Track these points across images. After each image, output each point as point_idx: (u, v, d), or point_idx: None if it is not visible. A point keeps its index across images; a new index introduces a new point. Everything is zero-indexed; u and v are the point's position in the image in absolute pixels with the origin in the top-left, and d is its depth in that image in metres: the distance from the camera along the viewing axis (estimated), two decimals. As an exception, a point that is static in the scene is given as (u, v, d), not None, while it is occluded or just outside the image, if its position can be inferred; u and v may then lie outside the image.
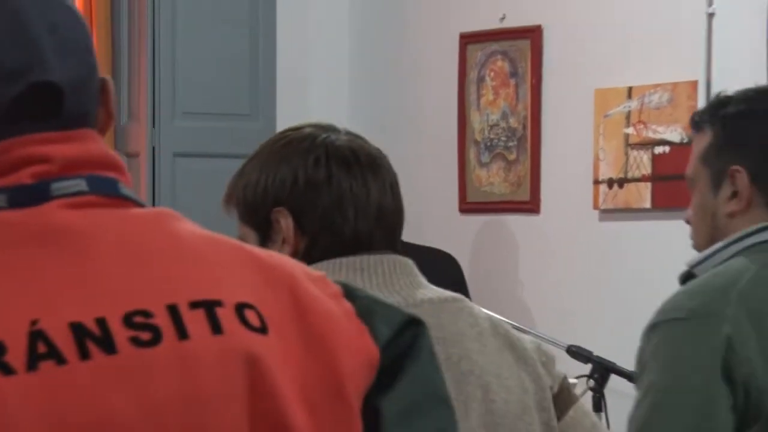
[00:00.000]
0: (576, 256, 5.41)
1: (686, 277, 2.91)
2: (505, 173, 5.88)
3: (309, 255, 2.42)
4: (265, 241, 2.46)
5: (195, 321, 1.58)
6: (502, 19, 5.95)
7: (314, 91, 6.40)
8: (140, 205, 1.67)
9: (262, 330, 1.61)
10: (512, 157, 5.88)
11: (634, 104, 5.48)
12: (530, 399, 2.48)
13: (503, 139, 5.94)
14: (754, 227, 2.83)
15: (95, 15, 6.13)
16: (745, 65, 5.03)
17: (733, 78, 2.97)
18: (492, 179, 5.93)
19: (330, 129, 2.49)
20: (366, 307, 1.72)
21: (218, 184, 5.96)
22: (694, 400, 2.70)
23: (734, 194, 2.84)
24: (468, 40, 6.07)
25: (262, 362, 1.60)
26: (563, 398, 2.56)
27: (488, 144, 5.94)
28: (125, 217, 1.64)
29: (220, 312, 1.59)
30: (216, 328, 1.58)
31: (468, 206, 6.04)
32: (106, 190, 1.63)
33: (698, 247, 2.95)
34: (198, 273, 1.63)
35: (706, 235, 2.91)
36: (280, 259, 1.74)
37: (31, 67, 1.62)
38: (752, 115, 2.89)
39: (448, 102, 5.93)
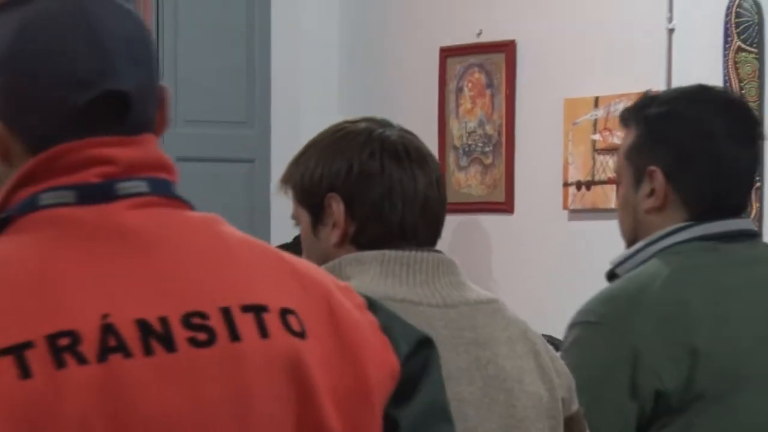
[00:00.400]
0: (547, 253, 5.41)
1: (611, 276, 2.88)
2: (481, 176, 5.89)
3: (357, 240, 2.40)
4: (316, 222, 2.43)
5: (245, 324, 1.60)
6: (479, 34, 5.97)
7: (306, 99, 6.39)
8: (189, 206, 1.69)
9: (302, 335, 1.63)
10: (488, 161, 5.89)
11: (600, 113, 5.51)
12: (543, 406, 2.40)
13: (480, 144, 5.95)
14: (670, 228, 2.78)
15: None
16: (703, 78, 4.87)
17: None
18: (470, 182, 5.92)
19: (385, 124, 2.46)
20: (386, 322, 1.73)
21: (217, 186, 6.06)
22: (595, 387, 2.65)
23: (652, 192, 2.79)
24: (447, 53, 6.10)
25: (302, 365, 1.62)
26: (575, 424, 2.49)
27: (466, 149, 5.96)
28: (181, 219, 1.67)
29: (266, 317, 1.61)
30: (263, 331, 1.60)
31: (448, 207, 5.91)
32: (163, 191, 1.65)
33: (625, 239, 2.90)
34: (246, 278, 1.65)
35: (629, 229, 2.88)
36: (312, 267, 1.76)
37: (104, 75, 1.62)
38: (671, 117, 2.81)
39: (429, 110, 5.95)
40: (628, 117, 2.88)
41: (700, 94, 2.89)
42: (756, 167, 2.87)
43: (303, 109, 6.34)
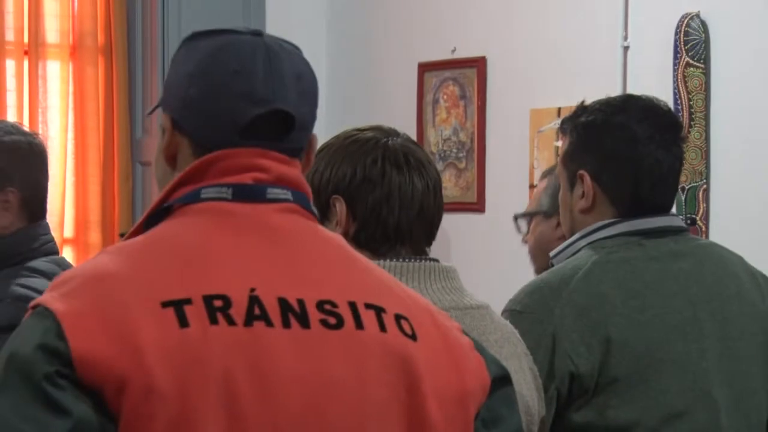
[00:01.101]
0: (515, 248, 5.20)
1: (551, 266, 2.87)
2: (455, 179, 5.89)
3: (357, 239, 2.38)
4: (322, 220, 2.27)
5: (368, 317, 1.66)
6: (453, 51, 5.96)
7: None
8: (320, 221, 1.78)
9: (414, 337, 1.68)
10: (462, 165, 5.90)
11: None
12: (526, 406, 2.39)
13: (454, 150, 5.96)
14: (598, 224, 2.79)
15: (114, 45, 6.05)
16: (654, 91, 4.91)
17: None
18: (445, 184, 5.54)
19: (391, 133, 2.44)
20: (478, 346, 1.78)
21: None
22: None
23: (582, 194, 2.81)
24: (425, 68, 6.09)
25: (413, 361, 1.66)
26: (543, 425, 2.50)
27: (442, 155, 5.95)
28: (315, 229, 1.75)
29: (384, 316, 1.67)
30: (382, 327, 1.67)
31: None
32: (304, 204, 1.74)
33: (566, 236, 2.90)
34: (368, 284, 1.72)
35: (568, 228, 2.89)
36: (414, 293, 1.80)
37: (276, 98, 1.70)
38: (596, 125, 2.81)
39: (408, 120, 5.91)
40: (565, 126, 2.90)
41: (624, 103, 2.90)
42: (679, 168, 2.86)
43: None
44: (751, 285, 2.85)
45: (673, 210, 2.96)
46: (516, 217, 3.77)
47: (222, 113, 1.70)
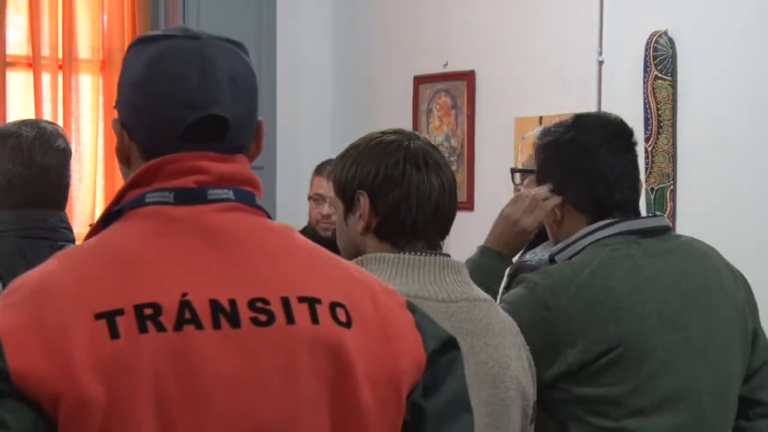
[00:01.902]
0: None
1: (551, 261, 2.85)
2: None
3: (377, 232, 2.38)
4: (347, 212, 2.42)
5: (300, 312, 1.60)
6: (445, 65, 5.97)
7: (305, 118, 6.37)
8: (269, 215, 1.71)
9: (347, 325, 1.62)
10: (453, 168, 5.76)
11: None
12: (522, 390, 2.39)
13: (446, 155, 5.83)
14: (599, 224, 2.77)
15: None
16: (626, 101, 5.01)
17: (617, 111, 2.92)
18: None
19: (412, 137, 2.43)
20: (420, 321, 1.71)
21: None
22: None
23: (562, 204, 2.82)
24: (420, 81, 6.09)
25: (344, 349, 1.61)
26: (534, 409, 2.46)
27: None
28: (257, 223, 1.68)
29: (318, 307, 1.62)
30: (314, 319, 1.61)
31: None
32: (247, 200, 1.68)
33: (551, 240, 2.91)
34: (306, 276, 1.65)
35: (552, 234, 2.89)
36: (362, 272, 1.75)
37: (211, 103, 1.66)
38: (552, 145, 2.83)
39: (405, 127, 5.38)
40: (534, 150, 2.91)
41: (575, 121, 2.88)
42: (634, 171, 2.84)
43: (302, 125, 6.35)
44: (729, 277, 2.85)
45: (642, 208, 2.94)
46: (513, 171, 3.75)
47: (162, 120, 1.67)
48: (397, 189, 2.36)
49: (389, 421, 1.64)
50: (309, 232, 4.59)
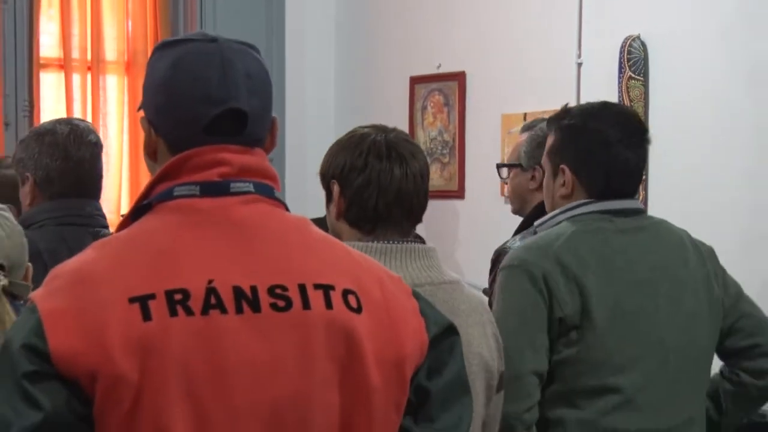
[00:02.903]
0: (488, 228, 5.36)
1: (534, 233, 2.91)
2: (440, 171, 5.86)
3: (347, 217, 2.39)
4: (328, 201, 2.43)
5: (315, 298, 1.60)
6: (438, 67, 5.94)
7: (310, 117, 6.35)
8: (285, 207, 1.71)
9: (358, 310, 1.63)
10: (446, 160, 5.89)
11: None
12: (485, 365, 2.41)
13: (439, 148, 5.93)
14: (577, 202, 2.80)
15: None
16: (603, 98, 4.89)
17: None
18: (432, 176, 5.51)
19: (382, 130, 2.43)
20: (424, 308, 1.71)
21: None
22: (519, 310, 2.68)
23: (563, 183, 2.83)
24: (415, 81, 6.08)
25: (355, 332, 1.61)
26: (501, 381, 2.50)
27: (429, 152, 5.89)
28: (276, 215, 1.68)
29: (332, 294, 1.61)
30: (329, 304, 1.60)
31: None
32: (266, 193, 1.68)
33: (546, 210, 2.93)
34: (320, 265, 1.65)
35: (549, 205, 2.91)
36: (370, 261, 1.74)
37: (230, 98, 1.65)
38: (577, 128, 2.81)
39: (402, 123, 5.85)
40: (550, 125, 2.89)
41: (601, 110, 2.87)
42: (644, 165, 2.85)
43: (308, 121, 6.33)
44: (695, 253, 2.86)
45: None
46: (498, 166, 3.75)
47: (186, 116, 1.66)
48: (360, 177, 2.36)
49: (394, 399, 1.63)
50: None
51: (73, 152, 3.14)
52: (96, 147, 3.20)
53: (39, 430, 1.48)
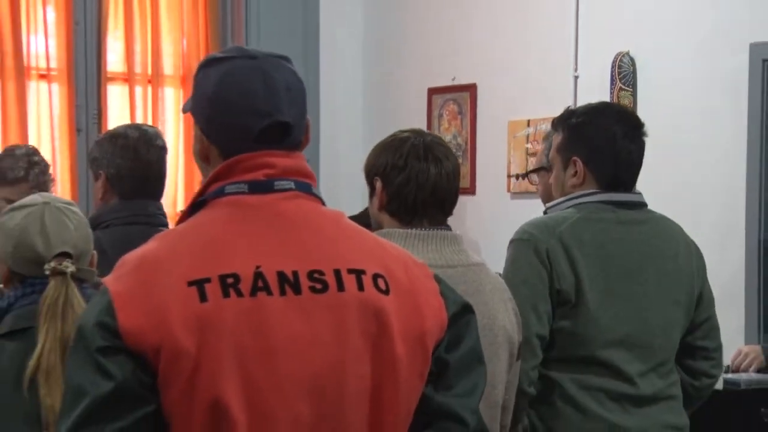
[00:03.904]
0: (497, 221, 5.36)
1: (544, 213, 2.89)
2: None
3: (389, 210, 2.39)
4: (371, 194, 2.43)
5: (349, 281, 1.59)
6: (453, 79, 5.93)
7: (341, 124, 6.32)
8: (323, 202, 1.70)
9: (386, 292, 1.61)
10: (460, 161, 5.86)
11: (531, 130, 5.48)
12: (507, 336, 2.41)
13: (453, 150, 5.83)
14: (586, 191, 2.78)
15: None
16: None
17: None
18: None
19: (419, 134, 2.44)
20: (444, 290, 1.69)
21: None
22: (525, 279, 2.66)
23: (575, 173, 2.80)
24: (433, 92, 6.06)
25: (384, 312, 1.60)
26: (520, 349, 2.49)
27: None
28: (315, 209, 1.67)
29: (364, 278, 1.60)
30: (360, 287, 1.59)
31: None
32: (305, 190, 1.66)
33: (555, 197, 2.89)
34: (353, 252, 1.64)
35: (559, 193, 2.88)
36: (397, 248, 1.72)
37: (274, 111, 1.64)
38: (585, 125, 2.80)
39: (422, 129, 5.83)
40: (557, 124, 2.88)
41: (604, 108, 2.90)
42: (642, 154, 2.85)
43: (339, 127, 6.29)
44: (685, 250, 2.84)
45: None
46: (527, 173, 3.74)
47: (236, 127, 1.65)
48: (401, 175, 2.35)
49: (417, 370, 1.62)
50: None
51: (142, 154, 3.10)
52: (162, 150, 3.17)
53: (110, 397, 1.49)
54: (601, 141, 2.78)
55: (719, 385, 3.58)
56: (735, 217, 4.67)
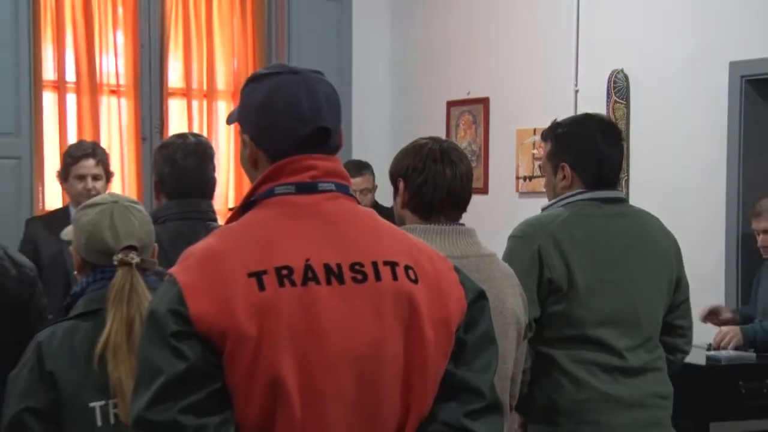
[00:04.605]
0: (507, 217, 5.27)
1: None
2: None
3: (410, 207, 2.37)
4: (395, 193, 2.42)
5: (385, 272, 1.58)
6: (468, 93, 5.93)
7: (371, 132, 6.31)
8: (358, 201, 1.68)
9: (416, 282, 1.60)
10: (474, 165, 5.68)
11: (536, 138, 5.42)
12: (516, 318, 2.40)
13: (468, 155, 5.67)
14: (574, 192, 2.77)
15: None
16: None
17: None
18: None
19: (436, 140, 2.42)
20: (463, 279, 1.68)
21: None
22: (517, 270, 2.55)
23: (563, 177, 2.79)
24: (451, 104, 6.06)
25: (414, 298, 1.59)
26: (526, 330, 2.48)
27: None
28: (353, 208, 1.66)
29: (397, 269, 1.59)
30: (395, 277, 1.59)
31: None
32: (344, 191, 1.65)
33: (548, 199, 2.87)
34: (387, 246, 1.63)
35: (550, 198, 2.86)
36: (424, 244, 1.70)
37: (317, 119, 1.63)
38: (569, 135, 2.79)
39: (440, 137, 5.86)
40: (546, 135, 2.87)
41: (585, 119, 2.88)
42: (621, 160, 2.84)
43: (369, 135, 6.27)
44: (663, 238, 2.83)
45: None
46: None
47: (283, 134, 1.63)
48: (420, 177, 2.34)
49: (443, 350, 1.61)
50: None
51: (179, 162, 3.13)
52: (201, 158, 3.18)
53: (183, 376, 1.49)
54: (584, 147, 2.77)
55: (702, 361, 3.63)
56: (717, 214, 4.65)
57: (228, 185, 5.91)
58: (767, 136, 4.62)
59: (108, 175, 4.01)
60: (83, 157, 3.89)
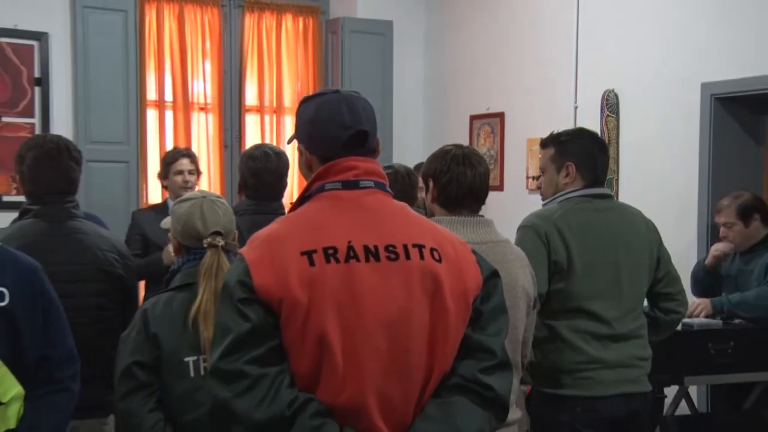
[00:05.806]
0: (519, 210, 5.25)
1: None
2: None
3: (438, 202, 2.35)
4: (426, 191, 2.38)
5: (414, 253, 1.57)
6: (487, 109, 5.88)
7: (407, 140, 6.25)
8: (394, 196, 1.66)
9: (440, 261, 1.58)
10: (492, 167, 5.78)
11: None
12: (526, 294, 2.35)
13: (488, 159, 5.81)
14: (568, 189, 2.74)
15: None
16: (591, 129, 4.90)
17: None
18: None
19: (459, 146, 2.37)
20: (479, 260, 1.66)
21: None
22: (528, 254, 2.49)
23: (567, 174, 2.75)
24: (473, 118, 6.00)
25: (438, 275, 1.57)
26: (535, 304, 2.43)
27: None
28: (389, 202, 1.64)
29: (424, 250, 1.58)
30: (422, 257, 1.57)
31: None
32: (381, 188, 1.64)
33: (547, 195, 2.85)
34: (416, 231, 1.61)
35: (551, 192, 2.82)
36: (447, 231, 1.68)
37: (356, 123, 1.63)
38: (572, 142, 2.77)
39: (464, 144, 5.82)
40: (548, 143, 2.86)
41: (581, 131, 2.87)
42: (608, 164, 2.83)
43: (406, 142, 6.21)
44: (645, 227, 2.79)
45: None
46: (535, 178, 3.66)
47: (330, 139, 1.62)
48: (445, 177, 2.32)
49: (462, 317, 1.61)
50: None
51: (259, 168, 3.17)
52: (272, 163, 3.19)
53: (248, 334, 1.49)
54: (586, 152, 2.76)
55: (679, 327, 3.59)
56: (690, 209, 4.61)
57: (292, 186, 5.92)
58: (732, 144, 4.57)
59: (198, 173, 4.06)
60: (181, 157, 3.97)
